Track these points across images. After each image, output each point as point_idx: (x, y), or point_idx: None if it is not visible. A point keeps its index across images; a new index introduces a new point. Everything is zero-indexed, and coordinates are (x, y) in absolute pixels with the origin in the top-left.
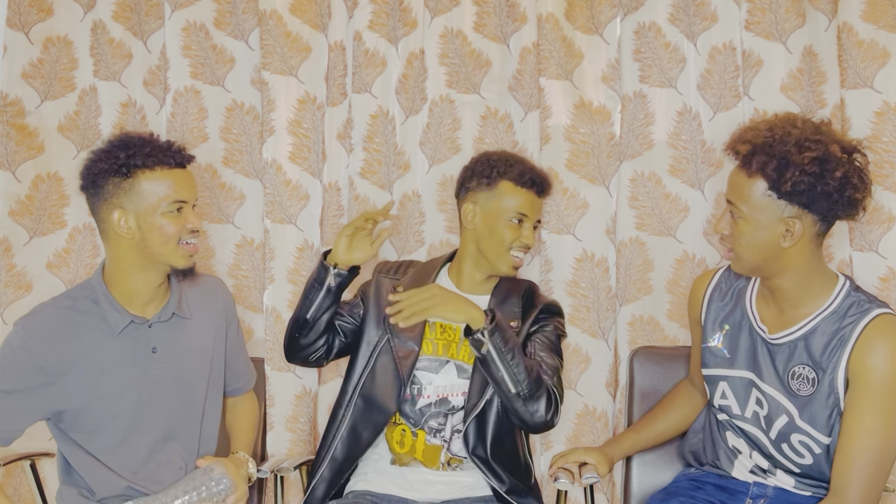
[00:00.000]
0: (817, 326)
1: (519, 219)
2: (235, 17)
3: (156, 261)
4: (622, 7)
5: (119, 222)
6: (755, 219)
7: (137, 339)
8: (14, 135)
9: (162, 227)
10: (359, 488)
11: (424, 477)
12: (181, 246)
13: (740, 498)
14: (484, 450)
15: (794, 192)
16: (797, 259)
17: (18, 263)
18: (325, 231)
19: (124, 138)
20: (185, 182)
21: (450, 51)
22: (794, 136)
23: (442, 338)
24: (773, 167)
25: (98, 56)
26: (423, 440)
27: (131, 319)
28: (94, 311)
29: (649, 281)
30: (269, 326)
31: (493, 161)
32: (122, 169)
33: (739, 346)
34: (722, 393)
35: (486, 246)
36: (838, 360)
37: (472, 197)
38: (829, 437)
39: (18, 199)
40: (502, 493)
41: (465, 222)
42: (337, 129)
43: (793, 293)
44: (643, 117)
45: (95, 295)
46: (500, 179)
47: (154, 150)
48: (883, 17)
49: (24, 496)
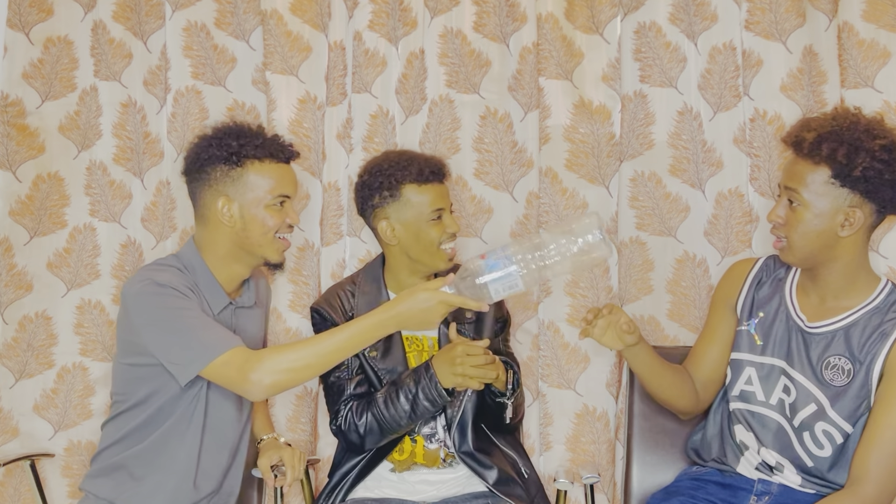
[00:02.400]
0: (859, 319)
1: (438, 215)
2: (236, 17)
3: (251, 252)
4: (622, 7)
5: (223, 210)
6: (816, 206)
7: (225, 321)
8: (15, 135)
9: (264, 220)
10: (358, 496)
11: (425, 477)
12: (277, 240)
13: (744, 495)
14: (468, 445)
15: (861, 179)
16: (849, 250)
17: (19, 263)
18: (325, 231)
19: (234, 127)
20: (291, 177)
21: (449, 51)
22: (862, 124)
23: (414, 348)
24: (844, 153)
25: (98, 56)
26: (422, 445)
27: (230, 301)
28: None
29: (649, 281)
30: (270, 326)
31: (387, 169)
32: (232, 157)
33: (772, 334)
34: (747, 379)
35: (417, 252)
36: (877, 353)
37: (381, 214)
38: (853, 428)
39: (19, 199)
40: (490, 486)
41: (386, 239)
42: (337, 128)
43: (838, 284)
44: (643, 117)
45: (194, 272)
46: (401, 186)
47: (265, 142)
48: (883, 17)
49: (24, 496)
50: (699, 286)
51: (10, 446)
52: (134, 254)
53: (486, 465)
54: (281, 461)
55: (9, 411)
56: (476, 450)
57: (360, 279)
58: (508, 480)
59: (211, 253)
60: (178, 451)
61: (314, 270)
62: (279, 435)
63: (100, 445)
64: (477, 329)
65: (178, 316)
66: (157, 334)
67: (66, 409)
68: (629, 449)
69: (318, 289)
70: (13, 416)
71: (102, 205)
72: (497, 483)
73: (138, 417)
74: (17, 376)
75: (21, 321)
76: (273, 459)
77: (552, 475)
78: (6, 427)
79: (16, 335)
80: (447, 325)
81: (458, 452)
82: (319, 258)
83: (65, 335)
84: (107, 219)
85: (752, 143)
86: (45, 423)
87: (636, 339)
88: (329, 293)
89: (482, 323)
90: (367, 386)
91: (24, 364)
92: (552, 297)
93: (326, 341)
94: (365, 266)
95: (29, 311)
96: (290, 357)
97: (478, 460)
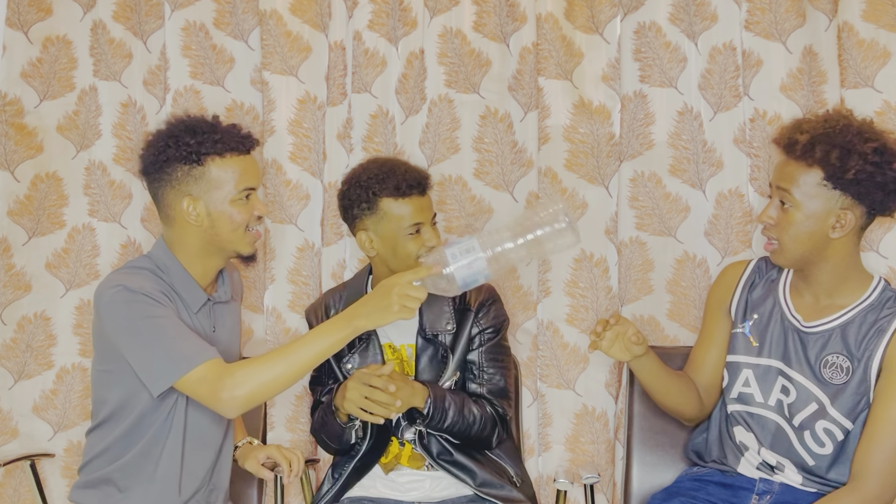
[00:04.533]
0: (855, 317)
1: (416, 229)
2: (235, 17)
3: (222, 248)
4: (622, 7)
5: (188, 210)
6: (808, 208)
7: (204, 318)
8: (13, 134)
9: (231, 216)
10: (354, 494)
11: (412, 477)
12: (248, 233)
13: (745, 495)
14: (448, 452)
15: (853, 182)
16: (840, 251)
17: (17, 263)
18: (326, 231)
19: (190, 122)
20: (253, 168)
21: (449, 50)
22: (854, 127)
23: (395, 357)
24: (837, 156)
25: (98, 56)
26: (409, 449)
27: (208, 298)
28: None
29: (649, 281)
30: (270, 326)
31: (365, 182)
32: (192, 156)
33: (768, 335)
34: (745, 381)
35: (396, 264)
36: (875, 349)
37: (361, 225)
38: (853, 424)
39: (17, 199)
40: (475, 488)
41: (365, 250)
42: (337, 128)
43: (831, 284)
44: (643, 117)
45: (166, 271)
46: (378, 199)
47: (223, 135)
48: (884, 17)
49: (23, 497)
50: (699, 286)
51: (10, 447)
52: (134, 254)
53: (467, 468)
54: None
55: (8, 412)
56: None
57: (349, 286)
58: (495, 483)
59: (182, 251)
60: (162, 459)
61: (314, 270)
62: (253, 439)
63: (85, 455)
64: (453, 340)
65: (150, 325)
66: (130, 344)
67: (66, 409)
68: (629, 449)
69: (318, 289)
70: (12, 417)
71: (102, 205)
72: (482, 485)
73: (119, 426)
74: (17, 377)
75: (20, 322)
76: (260, 459)
77: (552, 475)
78: (6, 428)
79: (14, 336)
80: (425, 336)
81: (435, 459)
82: (320, 258)
83: (64, 336)
84: (106, 219)
85: (752, 144)
86: (45, 423)
87: (644, 350)
88: (320, 299)
89: (459, 334)
90: None
91: (23, 365)
92: (551, 297)
93: (298, 352)
94: (357, 273)
95: (28, 311)
96: (262, 371)
97: (459, 465)
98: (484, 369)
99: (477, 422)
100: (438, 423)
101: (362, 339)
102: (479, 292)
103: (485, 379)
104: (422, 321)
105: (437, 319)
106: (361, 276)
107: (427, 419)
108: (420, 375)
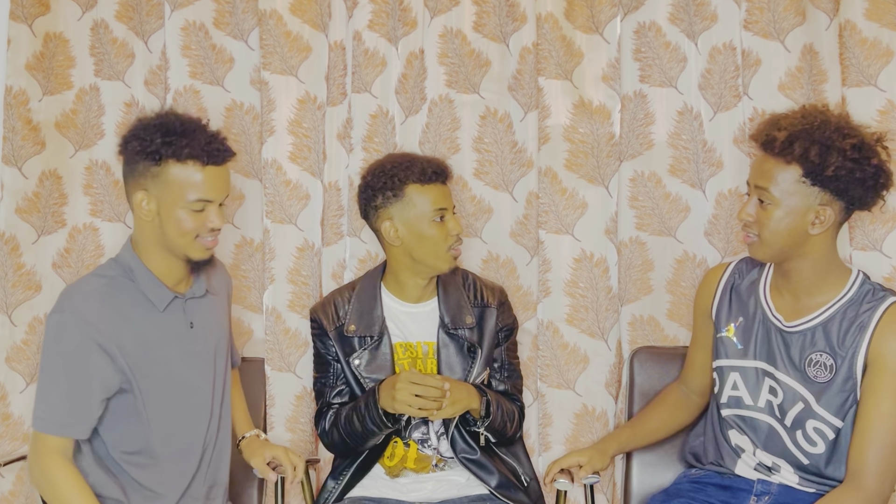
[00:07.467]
0: (835, 314)
1: (441, 215)
2: (235, 16)
3: (171, 249)
4: (622, 6)
5: (141, 203)
6: (787, 205)
7: (177, 315)
8: (20, 128)
9: (180, 221)
10: (356, 494)
11: (416, 478)
12: (198, 241)
13: (744, 496)
14: (472, 449)
15: (832, 178)
16: (819, 246)
17: (27, 263)
18: (326, 231)
19: (167, 120)
20: (215, 181)
21: (449, 50)
22: (832, 122)
23: (406, 356)
24: (817, 152)
25: (100, 55)
26: (415, 450)
27: (175, 296)
28: (133, 288)
29: (649, 281)
30: (269, 326)
31: (389, 170)
32: (152, 154)
33: (752, 337)
34: (733, 384)
35: (422, 253)
36: (858, 345)
37: (385, 214)
38: (843, 422)
39: (26, 196)
40: (491, 490)
41: (389, 240)
42: (337, 128)
43: (810, 280)
44: (643, 117)
45: (131, 272)
46: (405, 186)
47: (191, 142)
48: (886, 16)
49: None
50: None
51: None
52: None
53: (487, 468)
54: (274, 459)
55: (20, 416)
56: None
57: (359, 285)
58: (510, 485)
59: (144, 249)
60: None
61: (315, 271)
62: (260, 431)
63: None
64: (477, 335)
65: (53, 368)
66: (41, 369)
67: None
68: None
69: (318, 289)
70: (24, 422)
71: (106, 204)
72: (499, 486)
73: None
74: (28, 380)
75: (31, 323)
76: (266, 458)
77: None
78: (17, 433)
79: (25, 337)
80: (446, 331)
81: (458, 456)
82: (320, 258)
83: None
84: (111, 219)
85: (751, 143)
86: None
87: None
88: (327, 298)
89: (482, 329)
90: (350, 395)
91: (34, 368)
92: (551, 297)
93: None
94: (367, 272)
95: (39, 312)
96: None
97: (479, 464)
98: (505, 366)
99: (514, 418)
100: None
101: (374, 338)
102: (494, 291)
103: (506, 375)
104: (441, 316)
105: (458, 314)
106: (375, 275)
107: (487, 419)
108: (442, 371)
